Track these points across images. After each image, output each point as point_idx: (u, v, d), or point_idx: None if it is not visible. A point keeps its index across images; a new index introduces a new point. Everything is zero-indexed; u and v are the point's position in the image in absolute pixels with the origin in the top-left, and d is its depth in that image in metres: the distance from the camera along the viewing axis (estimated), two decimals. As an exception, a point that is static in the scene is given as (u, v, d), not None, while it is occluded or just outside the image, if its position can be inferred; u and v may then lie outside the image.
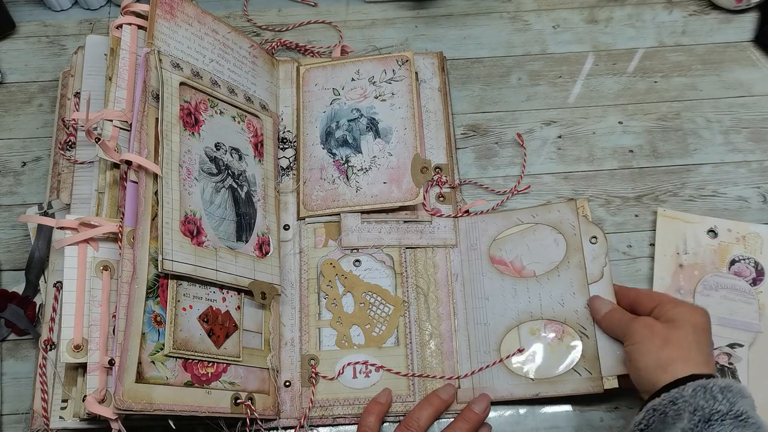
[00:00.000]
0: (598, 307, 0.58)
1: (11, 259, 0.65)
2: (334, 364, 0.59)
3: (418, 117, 0.66)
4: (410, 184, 0.63)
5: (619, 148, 0.70)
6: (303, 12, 0.77)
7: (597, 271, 0.60)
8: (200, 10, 0.64)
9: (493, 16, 0.77)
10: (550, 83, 0.73)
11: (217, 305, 0.56)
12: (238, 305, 0.58)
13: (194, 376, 0.53)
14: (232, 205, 0.59)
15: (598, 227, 0.61)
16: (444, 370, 0.60)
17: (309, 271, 0.62)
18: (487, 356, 0.59)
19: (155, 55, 0.57)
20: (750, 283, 0.62)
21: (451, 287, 0.62)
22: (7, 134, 0.70)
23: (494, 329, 0.60)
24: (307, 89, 0.69)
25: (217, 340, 0.55)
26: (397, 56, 0.68)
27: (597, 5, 0.77)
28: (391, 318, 0.61)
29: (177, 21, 0.61)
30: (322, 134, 0.67)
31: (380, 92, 0.67)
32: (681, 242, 0.64)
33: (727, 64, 0.74)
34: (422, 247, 0.63)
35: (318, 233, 0.64)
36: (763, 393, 0.59)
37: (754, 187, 0.68)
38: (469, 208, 0.65)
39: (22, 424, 0.58)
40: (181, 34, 0.61)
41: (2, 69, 0.73)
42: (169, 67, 0.58)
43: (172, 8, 0.61)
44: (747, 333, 0.61)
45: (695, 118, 0.71)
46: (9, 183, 0.68)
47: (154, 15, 0.59)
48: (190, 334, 0.53)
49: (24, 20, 0.76)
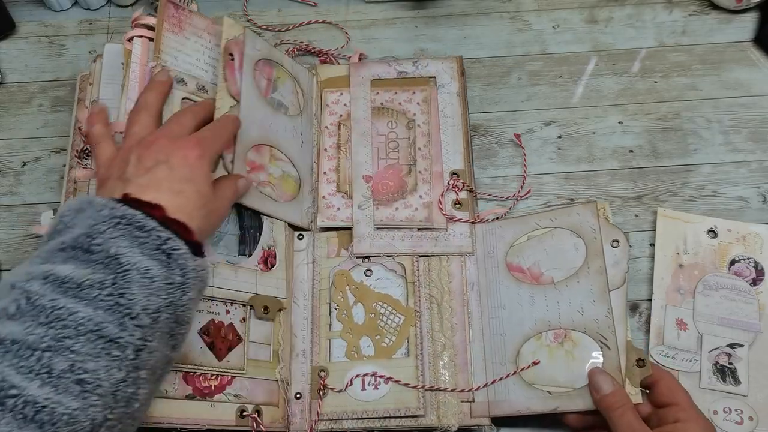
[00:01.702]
0: (599, 384, 0.53)
1: (11, 259, 0.65)
2: (343, 376, 0.58)
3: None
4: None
5: (619, 148, 0.70)
6: (303, 12, 0.77)
7: (619, 277, 0.58)
8: (210, 21, 0.63)
9: (493, 16, 0.77)
10: (550, 83, 0.73)
11: (219, 318, 0.56)
12: (243, 317, 0.57)
13: (196, 389, 0.53)
14: (235, 219, 0.59)
15: (620, 230, 0.60)
16: (457, 383, 0.58)
17: (321, 282, 0.62)
18: (503, 368, 0.57)
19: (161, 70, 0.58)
20: (750, 283, 0.62)
21: (466, 297, 0.61)
22: (7, 134, 0.70)
23: (511, 339, 0.58)
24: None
25: (219, 353, 0.55)
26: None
27: (597, 5, 0.77)
28: (401, 328, 0.59)
29: (185, 34, 0.61)
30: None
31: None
32: (681, 242, 0.64)
33: (727, 64, 0.74)
34: (437, 255, 0.62)
35: (331, 243, 0.63)
36: (764, 393, 0.59)
37: (754, 187, 0.68)
38: (487, 216, 0.64)
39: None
40: (190, 46, 0.61)
41: (2, 69, 0.73)
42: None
43: (180, 21, 0.61)
44: (747, 333, 0.61)
45: (695, 118, 0.71)
46: (9, 183, 0.68)
47: (161, 29, 0.59)
48: (189, 348, 0.53)
49: (24, 20, 0.76)
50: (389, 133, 0.67)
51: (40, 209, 0.66)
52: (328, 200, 0.65)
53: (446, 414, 0.57)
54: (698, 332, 0.61)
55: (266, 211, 0.60)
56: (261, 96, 0.63)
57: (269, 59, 0.65)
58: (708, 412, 0.58)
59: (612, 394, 0.53)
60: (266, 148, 0.62)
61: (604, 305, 0.57)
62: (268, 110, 0.63)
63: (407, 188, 0.65)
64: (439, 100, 0.69)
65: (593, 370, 0.55)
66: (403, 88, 0.69)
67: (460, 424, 0.57)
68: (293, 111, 0.66)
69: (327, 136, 0.68)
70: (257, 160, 0.61)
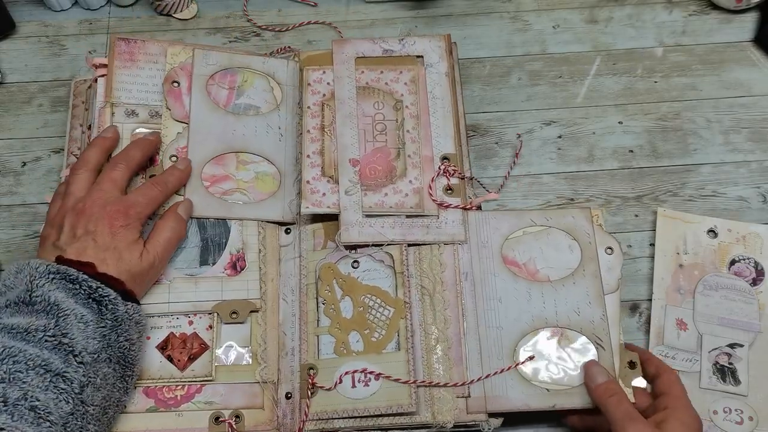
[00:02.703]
0: (594, 375, 0.54)
1: (11, 259, 0.65)
2: (332, 373, 0.55)
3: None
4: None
5: (619, 148, 0.70)
6: (303, 12, 0.77)
7: (613, 282, 0.59)
8: (167, 43, 0.65)
9: (493, 16, 0.77)
10: (550, 83, 0.73)
11: (181, 330, 0.57)
12: (210, 325, 0.57)
13: (159, 400, 0.54)
14: (195, 231, 0.60)
15: (614, 238, 0.61)
16: (451, 377, 0.55)
17: (308, 276, 0.60)
18: (500, 362, 0.56)
19: (109, 108, 0.61)
20: (750, 283, 0.62)
21: (459, 287, 0.58)
22: (7, 134, 0.70)
23: (508, 333, 0.57)
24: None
25: (179, 364, 0.56)
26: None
27: (597, 5, 0.77)
28: (391, 321, 0.57)
29: (139, 64, 0.64)
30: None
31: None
32: (681, 242, 0.64)
33: (727, 64, 0.74)
34: (428, 243, 0.60)
35: (317, 235, 0.61)
36: (764, 393, 0.59)
37: (754, 187, 0.68)
38: (480, 202, 0.63)
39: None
40: (145, 74, 0.63)
41: (2, 69, 0.73)
42: (121, 117, 0.61)
43: (132, 54, 0.64)
44: (747, 333, 0.61)
45: (695, 118, 0.71)
46: (9, 183, 0.68)
47: (112, 68, 0.63)
48: (147, 365, 0.55)
49: (24, 20, 0.76)
50: (376, 115, 0.65)
51: (40, 209, 0.66)
52: (313, 185, 0.62)
53: (441, 410, 0.55)
54: (698, 332, 0.61)
55: (233, 216, 0.61)
56: (218, 108, 0.64)
57: (229, 68, 0.65)
58: (708, 412, 0.58)
59: (606, 383, 0.53)
60: (231, 156, 0.62)
61: (599, 308, 0.58)
62: (230, 118, 0.64)
63: (396, 173, 0.62)
64: (427, 81, 0.66)
65: (588, 362, 0.56)
66: (389, 67, 0.67)
67: (456, 421, 0.54)
68: (267, 108, 0.65)
69: (310, 117, 0.65)
70: (218, 171, 0.62)
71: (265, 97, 0.66)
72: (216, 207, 0.61)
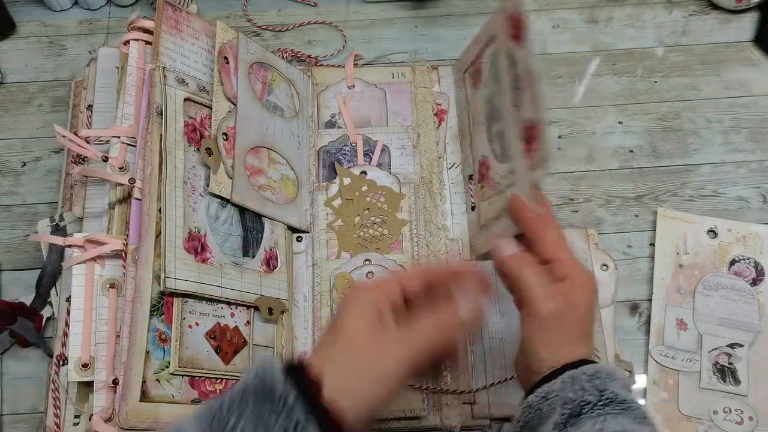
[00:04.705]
0: (501, 246, 0.48)
1: (11, 259, 0.65)
2: None
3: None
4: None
5: (619, 148, 0.70)
6: (303, 12, 0.77)
7: (608, 297, 0.61)
8: (208, 23, 0.63)
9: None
10: (550, 83, 0.73)
11: (225, 321, 0.56)
12: (248, 320, 0.57)
13: (202, 393, 0.53)
14: (238, 220, 0.59)
15: (609, 256, 0.62)
16: (458, 384, 0.58)
17: (322, 284, 0.61)
18: (503, 372, 0.59)
19: (160, 71, 0.57)
20: (750, 283, 0.62)
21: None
22: (7, 134, 0.70)
23: (510, 346, 0.59)
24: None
25: (225, 357, 0.55)
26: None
27: (597, 5, 0.77)
28: None
29: (183, 36, 0.61)
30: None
31: None
32: (681, 242, 0.64)
33: (727, 64, 0.74)
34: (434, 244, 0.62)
35: (331, 245, 0.63)
36: (764, 393, 0.59)
37: (754, 187, 0.68)
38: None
39: (21, 424, 0.58)
40: (188, 48, 0.61)
41: (2, 69, 0.73)
42: (173, 82, 0.58)
43: (178, 23, 0.61)
44: (747, 333, 0.61)
45: (695, 118, 0.71)
46: (9, 183, 0.68)
47: (159, 31, 0.59)
48: (196, 352, 0.53)
49: (24, 20, 0.76)
50: None
51: (40, 209, 0.66)
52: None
53: (448, 415, 0.57)
54: (698, 332, 0.61)
55: (266, 213, 0.60)
56: (256, 99, 0.63)
57: (263, 62, 0.65)
58: (708, 412, 0.58)
59: (516, 253, 0.48)
60: (264, 151, 0.62)
61: (596, 321, 0.59)
62: (265, 113, 0.63)
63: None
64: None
65: (493, 239, 0.49)
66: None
67: (462, 425, 0.57)
68: (289, 113, 0.66)
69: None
70: (256, 163, 0.61)
71: (287, 101, 0.66)
72: (255, 200, 0.60)
